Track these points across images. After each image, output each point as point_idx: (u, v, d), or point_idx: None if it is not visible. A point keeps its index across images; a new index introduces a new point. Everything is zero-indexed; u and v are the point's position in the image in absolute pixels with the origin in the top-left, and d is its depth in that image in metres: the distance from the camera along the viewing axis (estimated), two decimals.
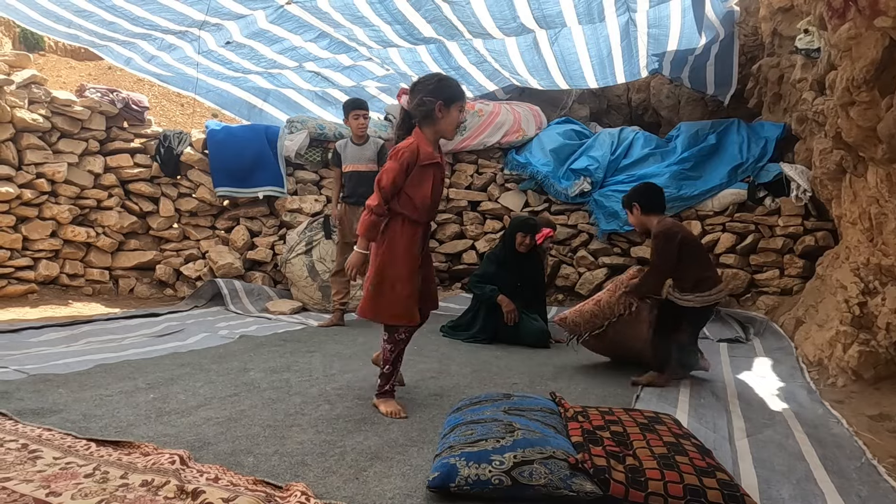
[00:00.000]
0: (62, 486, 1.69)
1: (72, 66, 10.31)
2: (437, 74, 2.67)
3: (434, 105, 2.48)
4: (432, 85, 2.52)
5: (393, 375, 2.62)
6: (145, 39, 5.20)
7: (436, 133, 2.55)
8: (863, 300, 3.32)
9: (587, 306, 3.42)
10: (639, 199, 3.28)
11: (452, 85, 2.57)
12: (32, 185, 5.32)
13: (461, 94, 2.58)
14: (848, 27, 2.73)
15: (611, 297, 3.32)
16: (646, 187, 3.43)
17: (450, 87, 2.55)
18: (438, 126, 2.53)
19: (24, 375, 2.87)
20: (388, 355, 2.59)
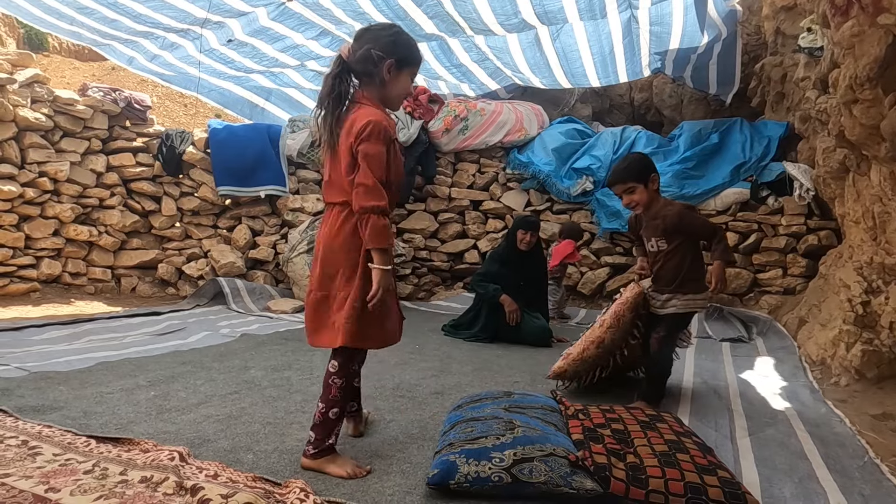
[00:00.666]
0: (61, 483, 1.69)
1: (76, 67, 10.33)
2: (395, 26, 2.06)
3: (383, 63, 1.94)
4: (386, 38, 1.97)
5: (339, 422, 1.98)
6: (147, 38, 5.21)
7: (381, 100, 2.00)
8: (866, 299, 3.31)
9: (588, 352, 2.80)
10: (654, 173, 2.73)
11: (410, 43, 2.03)
12: (35, 184, 5.32)
13: (419, 56, 2.05)
14: (851, 25, 2.72)
15: (614, 334, 2.74)
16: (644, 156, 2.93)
17: (407, 46, 2.00)
18: (385, 91, 1.99)
19: (26, 373, 2.88)
20: (338, 394, 1.96)
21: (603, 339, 2.76)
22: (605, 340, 2.75)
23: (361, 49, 1.94)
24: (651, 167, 2.73)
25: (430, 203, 6.39)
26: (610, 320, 2.75)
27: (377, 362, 3.46)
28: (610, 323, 2.75)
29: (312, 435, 1.93)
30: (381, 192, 1.85)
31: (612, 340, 2.74)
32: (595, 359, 2.78)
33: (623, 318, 2.72)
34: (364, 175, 1.84)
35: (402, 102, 2.13)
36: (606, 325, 2.77)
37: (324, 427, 1.93)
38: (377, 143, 1.86)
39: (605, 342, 2.75)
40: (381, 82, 1.96)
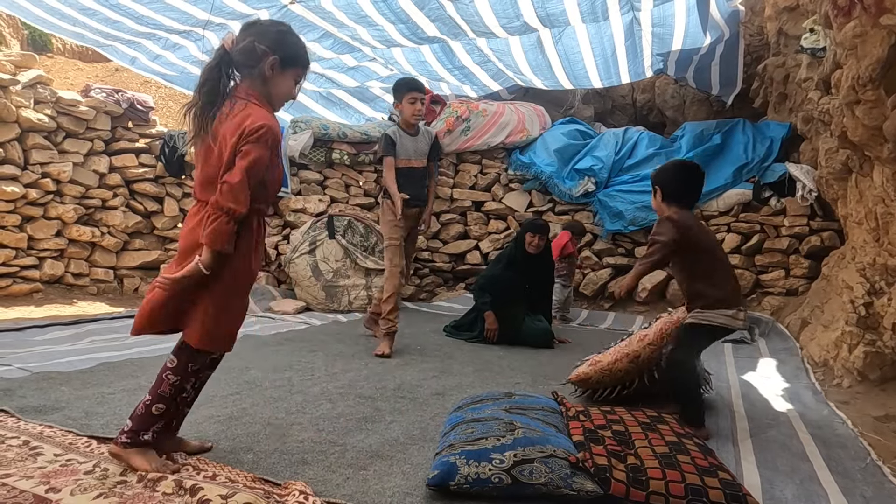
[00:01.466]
0: (62, 483, 1.69)
1: (79, 68, 10.35)
2: (282, 23, 1.96)
3: (266, 59, 1.83)
4: (272, 33, 1.87)
5: (163, 419, 1.85)
6: (150, 39, 5.22)
7: (264, 98, 1.87)
8: (869, 300, 3.30)
9: (620, 364, 2.62)
10: (662, 182, 2.63)
11: (298, 42, 1.93)
12: (38, 185, 5.34)
13: (306, 58, 1.95)
14: (853, 25, 2.71)
15: (653, 352, 2.58)
16: (676, 168, 2.73)
17: (293, 45, 1.91)
18: (267, 89, 1.87)
19: (28, 373, 2.88)
20: (168, 390, 1.83)
21: (639, 355, 2.60)
22: (640, 356, 2.59)
23: (245, 41, 1.84)
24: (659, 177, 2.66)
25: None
26: (653, 337, 2.59)
27: (378, 363, 3.47)
28: (652, 339, 2.58)
29: (130, 424, 1.82)
30: (245, 197, 1.74)
31: (648, 358, 2.59)
32: (625, 373, 2.62)
33: (668, 337, 2.58)
34: (236, 174, 1.73)
35: (283, 104, 1.97)
36: (647, 342, 2.60)
37: (143, 420, 1.82)
38: (263, 148, 1.76)
39: (640, 358, 2.59)
40: (263, 79, 1.86)
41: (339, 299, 5.38)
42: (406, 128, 3.89)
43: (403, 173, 3.87)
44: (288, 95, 1.94)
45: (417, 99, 3.81)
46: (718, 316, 2.44)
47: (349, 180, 6.31)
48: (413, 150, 3.90)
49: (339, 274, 5.40)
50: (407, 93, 3.82)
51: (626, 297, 3.34)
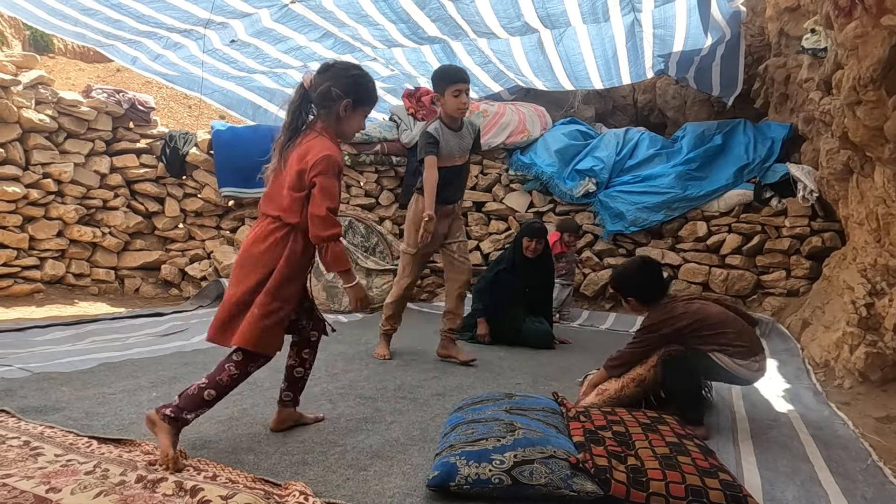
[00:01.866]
0: (62, 483, 1.69)
1: (81, 69, 10.37)
2: (357, 67, 2.22)
3: (341, 102, 2.08)
4: (349, 78, 2.11)
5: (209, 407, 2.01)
6: (150, 38, 5.23)
7: (336, 132, 2.14)
8: (870, 301, 3.29)
9: (627, 390, 2.57)
10: (633, 292, 2.67)
11: (369, 84, 2.17)
12: (39, 185, 5.34)
13: (375, 97, 2.21)
14: (854, 26, 2.71)
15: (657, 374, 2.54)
16: (637, 272, 2.71)
17: (365, 88, 2.15)
18: (340, 126, 2.13)
19: (29, 373, 2.88)
20: (228, 381, 2.03)
21: (644, 379, 2.56)
22: (646, 379, 2.56)
23: (322, 84, 2.08)
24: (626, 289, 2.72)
25: None
26: (656, 359, 2.56)
27: (379, 364, 3.46)
28: (655, 363, 2.55)
29: (179, 401, 1.95)
30: (334, 221, 2.03)
31: (653, 380, 2.55)
32: (632, 397, 2.58)
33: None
34: (318, 206, 1.99)
35: (354, 136, 2.37)
36: (650, 364, 2.57)
37: (192, 401, 1.96)
38: (332, 177, 2.01)
39: (645, 381, 2.56)
40: (337, 118, 2.11)
41: (339, 300, 5.38)
42: (449, 123, 3.42)
43: (445, 173, 3.42)
44: (358, 129, 2.23)
45: (462, 91, 3.31)
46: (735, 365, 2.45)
47: (350, 181, 6.31)
48: (457, 148, 3.47)
49: None
50: (450, 85, 3.31)
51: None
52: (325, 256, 2.04)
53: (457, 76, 3.37)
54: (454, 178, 3.51)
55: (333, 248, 2.03)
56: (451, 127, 3.43)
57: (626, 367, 2.60)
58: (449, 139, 3.42)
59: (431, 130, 3.42)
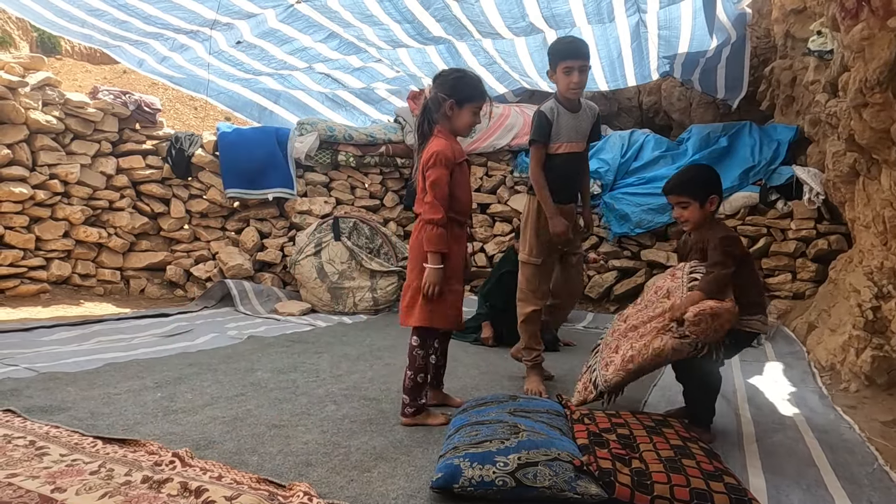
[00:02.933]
0: (67, 483, 1.70)
1: (87, 70, 10.42)
2: (459, 70, 2.57)
3: (445, 103, 2.44)
4: (449, 81, 2.47)
5: (424, 386, 2.46)
6: (157, 39, 5.25)
7: (451, 130, 2.50)
8: (876, 304, 3.27)
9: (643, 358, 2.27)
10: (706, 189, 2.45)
11: (470, 83, 2.48)
12: (46, 186, 5.37)
13: (479, 94, 2.48)
14: (861, 28, 2.70)
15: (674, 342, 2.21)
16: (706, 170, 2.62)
17: (466, 86, 2.47)
18: (452, 124, 2.48)
19: (35, 373, 2.90)
20: (421, 363, 2.44)
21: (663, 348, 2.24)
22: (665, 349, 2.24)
23: (433, 92, 2.49)
24: (714, 186, 2.46)
25: None
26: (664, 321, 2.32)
27: (384, 365, 3.47)
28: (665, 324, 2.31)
29: (406, 398, 2.41)
30: (438, 208, 2.36)
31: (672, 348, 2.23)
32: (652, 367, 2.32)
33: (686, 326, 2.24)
34: (429, 195, 2.38)
35: (470, 130, 2.53)
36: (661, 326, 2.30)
37: (413, 390, 2.41)
38: (438, 169, 2.37)
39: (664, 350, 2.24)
40: (447, 118, 2.46)
41: (344, 301, 5.38)
42: (565, 104, 3.03)
43: (561, 161, 3.03)
44: (471, 123, 2.49)
45: (573, 69, 2.91)
46: (756, 322, 2.41)
47: (355, 182, 6.32)
48: (575, 131, 3.05)
49: (345, 276, 5.41)
50: (561, 61, 2.95)
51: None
52: (423, 235, 2.40)
53: (565, 52, 2.96)
54: (571, 168, 3.06)
55: (430, 230, 2.37)
56: (567, 107, 3.03)
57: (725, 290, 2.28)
58: (564, 121, 3.01)
59: (545, 109, 3.03)
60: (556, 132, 3.01)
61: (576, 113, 3.04)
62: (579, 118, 3.05)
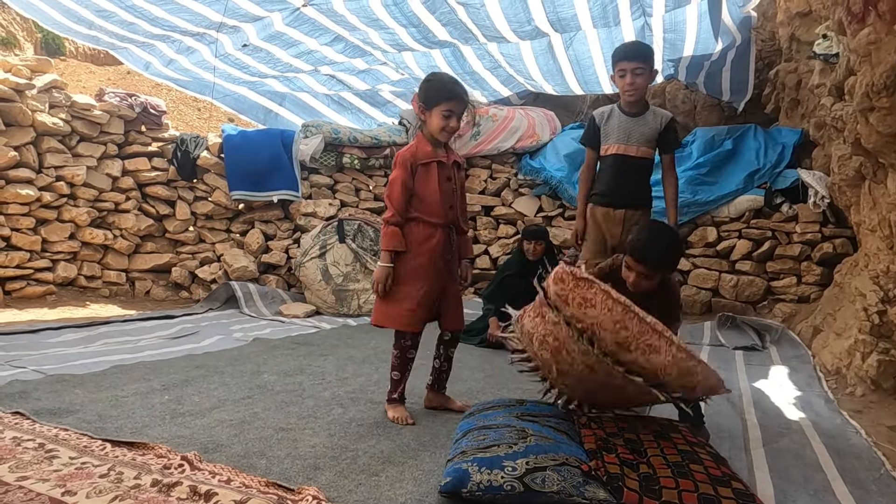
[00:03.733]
0: (77, 486, 1.71)
1: (92, 72, 10.46)
2: (431, 74, 2.61)
3: (416, 107, 2.51)
4: (420, 86, 2.51)
5: (400, 383, 2.58)
6: (164, 41, 5.27)
7: (428, 135, 2.52)
8: (882, 308, 3.27)
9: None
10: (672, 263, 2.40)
11: (435, 86, 2.47)
12: (52, 188, 5.39)
13: (445, 96, 2.43)
14: (867, 32, 2.70)
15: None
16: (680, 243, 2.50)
17: (431, 89, 2.47)
18: (427, 129, 2.51)
19: (42, 376, 2.91)
20: (395, 361, 2.57)
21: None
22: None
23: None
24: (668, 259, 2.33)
25: None
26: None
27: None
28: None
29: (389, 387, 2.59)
30: (388, 207, 2.46)
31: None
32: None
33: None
34: (387, 195, 2.49)
35: (446, 133, 2.47)
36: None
37: (391, 384, 2.58)
38: (394, 170, 2.47)
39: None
40: (423, 122, 2.52)
41: (348, 303, 5.39)
42: (625, 106, 3.00)
43: (610, 163, 2.99)
44: (441, 127, 2.45)
45: (626, 71, 2.87)
46: None
47: (359, 184, 6.33)
48: (628, 133, 2.96)
49: (349, 278, 5.42)
50: (616, 63, 2.94)
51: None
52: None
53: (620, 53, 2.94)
54: (623, 172, 2.96)
55: (384, 228, 2.48)
56: (627, 111, 2.98)
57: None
58: (622, 123, 2.97)
59: (596, 112, 3.06)
60: (606, 134, 3.02)
61: (636, 117, 2.98)
62: (640, 122, 2.98)
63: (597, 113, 3.07)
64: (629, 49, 2.98)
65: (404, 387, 2.60)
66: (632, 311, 1.86)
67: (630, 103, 2.98)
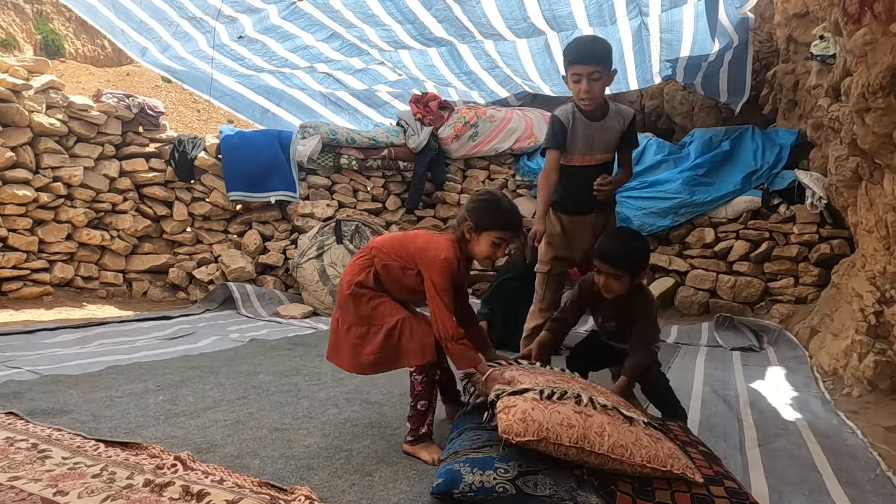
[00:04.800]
0: (69, 486, 1.70)
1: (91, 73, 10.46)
2: (489, 195, 2.26)
3: (464, 224, 2.19)
4: (476, 202, 2.22)
5: (429, 413, 2.16)
6: (162, 22, 5.21)
7: (470, 253, 2.24)
8: (879, 309, 3.26)
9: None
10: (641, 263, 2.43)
11: (496, 211, 2.18)
12: (49, 189, 5.38)
13: (504, 224, 2.17)
14: (863, 33, 2.70)
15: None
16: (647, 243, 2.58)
17: (490, 212, 2.17)
18: (469, 246, 2.23)
19: (37, 376, 2.90)
20: (421, 389, 2.15)
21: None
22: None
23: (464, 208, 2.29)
24: (648, 258, 2.38)
25: (439, 209, 6.41)
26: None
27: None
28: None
29: (409, 426, 2.15)
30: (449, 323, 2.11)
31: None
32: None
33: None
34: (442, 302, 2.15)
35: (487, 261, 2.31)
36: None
37: (416, 418, 2.14)
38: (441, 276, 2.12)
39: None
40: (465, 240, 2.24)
41: None
42: (584, 108, 2.74)
43: (573, 173, 2.84)
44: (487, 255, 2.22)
45: (583, 76, 2.60)
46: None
47: (357, 185, 6.33)
48: (591, 142, 2.80)
49: None
50: (569, 66, 2.68)
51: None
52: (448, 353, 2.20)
53: (572, 54, 2.66)
54: (587, 183, 2.82)
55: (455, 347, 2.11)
56: (589, 115, 2.74)
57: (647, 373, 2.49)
58: (581, 130, 2.76)
59: (559, 113, 2.78)
60: (571, 142, 2.79)
61: (597, 122, 2.77)
62: (602, 128, 2.78)
63: (560, 114, 2.79)
64: (584, 50, 2.64)
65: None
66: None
67: (592, 107, 2.75)
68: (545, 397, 1.80)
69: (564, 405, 1.78)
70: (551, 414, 1.73)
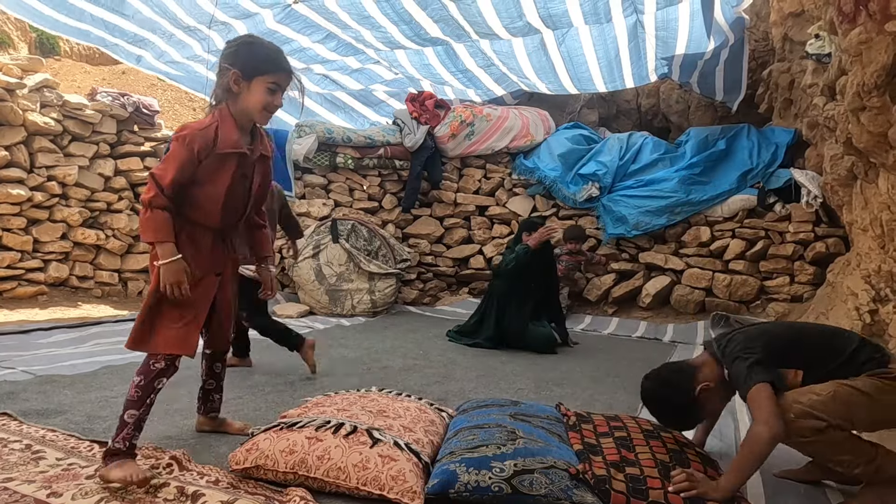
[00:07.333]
0: (63, 487, 1.69)
1: (86, 71, 10.40)
2: (249, 37, 1.95)
3: (229, 73, 1.86)
4: (235, 46, 1.89)
5: (138, 426, 1.82)
6: (156, 33, 5.19)
7: (240, 113, 1.90)
8: (874, 308, 3.28)
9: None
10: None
11: (260, 52, 1.88)
12: (44, 188, 5.36)
13: (273, 66, 1.87)
14: (858, 32, 2.70)
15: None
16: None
17: (253, 54, 1.87)
18: (239, 104, 1.89)
19: (31, 376, 2.89)
20: (135, 394, 1.84)
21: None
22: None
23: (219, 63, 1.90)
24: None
25: (435, 208, 6.40)
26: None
27: (381, 368, 3.47)
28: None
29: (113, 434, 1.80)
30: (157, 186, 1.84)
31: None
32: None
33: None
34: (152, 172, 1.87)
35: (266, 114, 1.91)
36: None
37: (120, 427, 1.79)
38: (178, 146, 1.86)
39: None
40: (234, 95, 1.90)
41: (342, 303, 5.38)
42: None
43: None
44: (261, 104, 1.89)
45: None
46: None
47: (353, 184, 6.32)
48: None
49: (343, 278, 5.41)
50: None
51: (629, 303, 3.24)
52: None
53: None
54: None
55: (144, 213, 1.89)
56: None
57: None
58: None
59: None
60: None
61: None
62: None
63: None
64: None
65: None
66: None
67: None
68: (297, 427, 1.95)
69: (300, 432, 1.90)
70: (279, 441, 1.87)
